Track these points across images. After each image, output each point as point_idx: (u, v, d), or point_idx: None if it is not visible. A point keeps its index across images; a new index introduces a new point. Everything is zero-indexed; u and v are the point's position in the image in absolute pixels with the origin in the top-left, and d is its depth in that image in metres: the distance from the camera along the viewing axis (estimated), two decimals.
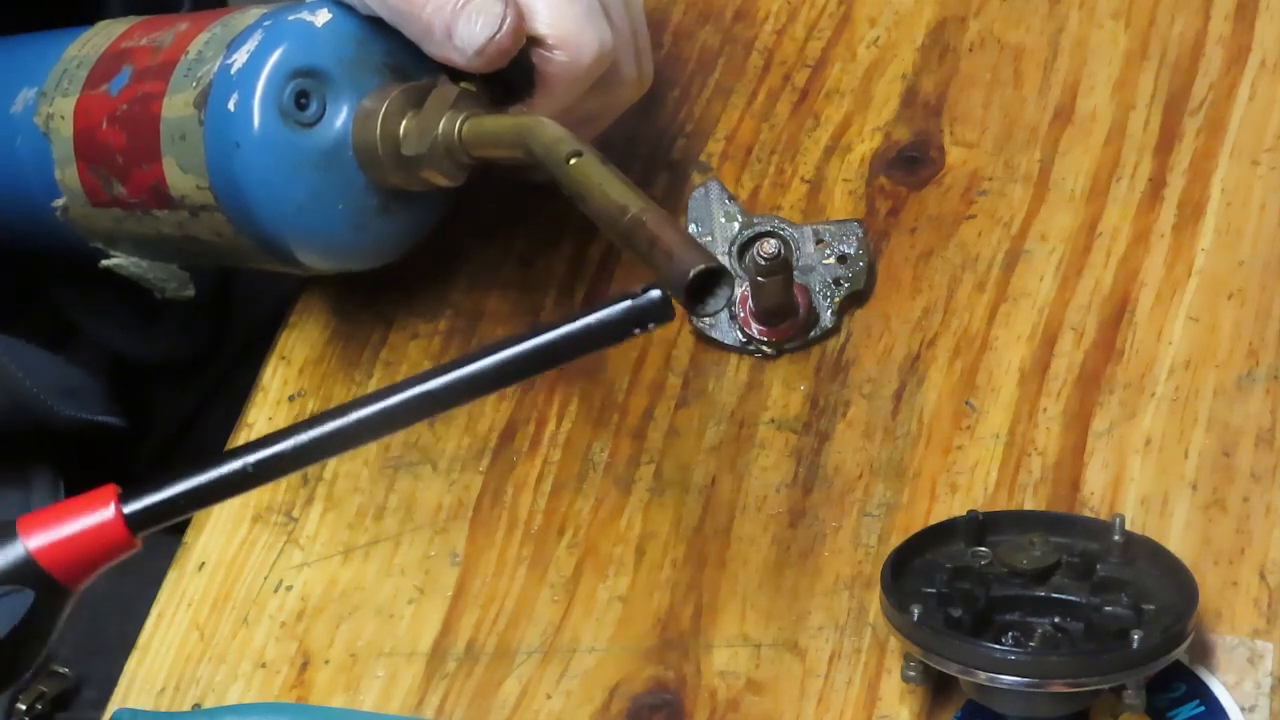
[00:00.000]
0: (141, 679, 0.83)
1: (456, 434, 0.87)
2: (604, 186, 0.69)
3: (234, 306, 1.10)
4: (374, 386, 0.90)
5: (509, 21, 0.78)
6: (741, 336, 0.88)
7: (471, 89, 0.80)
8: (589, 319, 0.62)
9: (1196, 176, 0.90)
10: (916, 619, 0.75)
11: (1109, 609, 0.75)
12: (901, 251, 0.90)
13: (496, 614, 0.83)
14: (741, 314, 0.88)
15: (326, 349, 0.91)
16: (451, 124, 0.79)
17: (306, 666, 0.82)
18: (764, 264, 0.85)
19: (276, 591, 0.85)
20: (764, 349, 0.88)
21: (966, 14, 0.97)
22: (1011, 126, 0.93)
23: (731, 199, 0.90)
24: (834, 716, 0.79)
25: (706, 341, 0.88)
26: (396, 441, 0.87)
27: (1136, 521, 0.81)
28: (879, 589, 0.78)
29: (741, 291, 0.88)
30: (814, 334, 0.88)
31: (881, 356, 0.87)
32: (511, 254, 0.93)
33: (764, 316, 0.87)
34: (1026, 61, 0.95)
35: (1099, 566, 0.77)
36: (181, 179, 0.82)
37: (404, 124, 0.80)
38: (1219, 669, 0.78)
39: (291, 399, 0.90)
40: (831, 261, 0.89)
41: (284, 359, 0.91)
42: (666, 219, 0.67)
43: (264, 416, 0.89)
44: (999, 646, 0.75)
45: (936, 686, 0.78)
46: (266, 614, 0.84)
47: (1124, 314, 0.87)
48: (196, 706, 0.82)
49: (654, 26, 0.92)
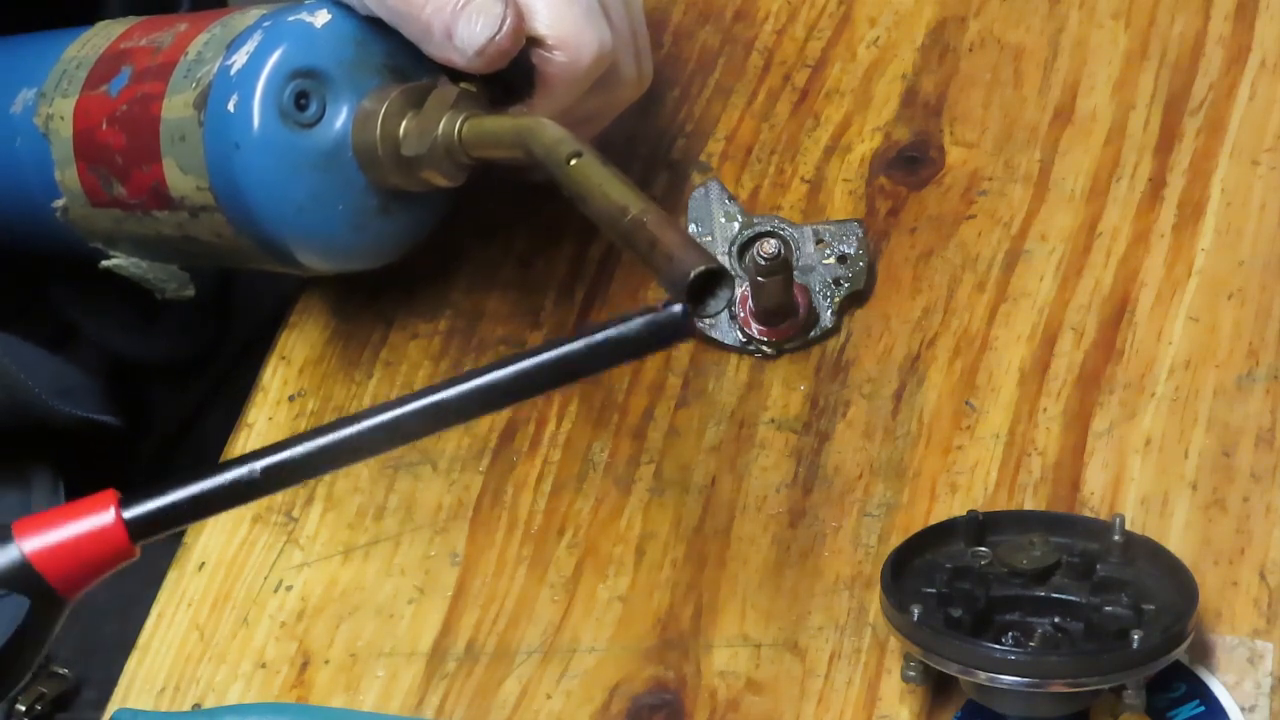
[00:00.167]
0: (141, 679, 0.83)
1: (456, 434, 0.87)
2: (604, 187, 0.69)
3: (234, 306, 1.09)
4: (374, 386, 0.90)
5: (509, 22, 0.78)
6: (741, 336, 0.88)
7: (471, 89, 0.80)
8: (608, 334, 0.61)
9: (1196, 176, 0.90)
10: (916, 619, 0.75)
11: (1109, 609, 0.75)
12: (901, 251, 0.90)
13: (496, 614, 0.83)
14: (741, 314, 0.87)
15: (326, 349, 0.91)
16: (451, 124, 0.79)
17: (306, 666, 0.82)
18: (764, 264, 0.85)
19: (276, 591, 0.85)
20: (764, 349, 0.88)
21: (966, 14, 0.97)
22: (1011, 126, 0.93)
23: (731, 199, 0.90)
24: (834, 716, 0.79)
25: (706, 341, 0.88)
26: None
27: (1136, 521, 0.81)
28: (879, 589, 0.78)
29: (741, 291, 0.88)
30: (814, 334, 0.88)
31: (881, 356, 0.87)
32: (511, 254, 0.92)
33: (764, 316, 0.87)
34: (1026, 61, 0.95)
35: (1099, 566, 0.77)
36: (181, 180, 0.82)
37: (404, 125, 0.80)
38: (1219, 669, 0.78)
39: (291, 399, 0.90)
40: (831, 261, 0.89)
41: (284, 359, 0.91)
42: (667, 220, 0.67)
43: (264, 416, 0.89)
44: (999, 646, 0.75)
45: (936, 686, 0.78)
46: (266, 614, 0.84)
47: (1124, 314, 0.87)
48: (196, 706, 0.82)
49: (654, 26, 0.92)
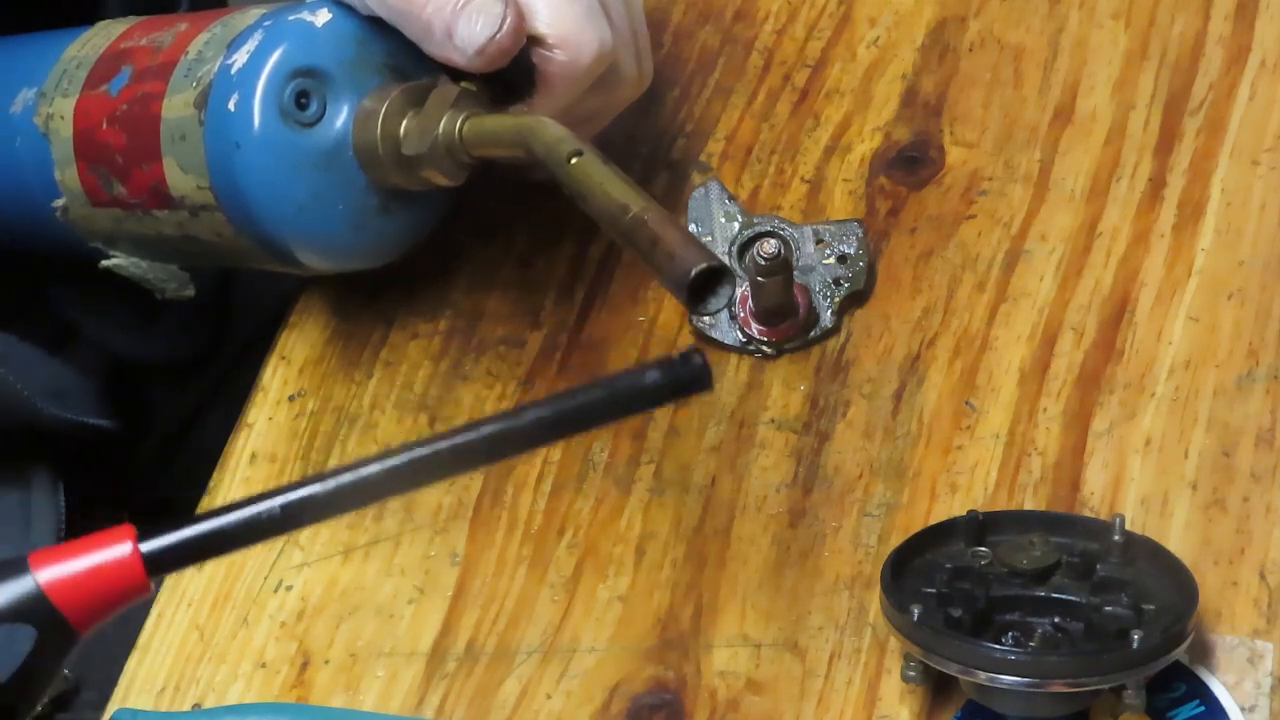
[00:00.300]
0: (141, 679, 0.83)
1: None
2: (605, 186, 0.69)
3: (234, 306, 1.09)
4: (374, 386, 0.89)
5: (509, 21, 0.78)
6: (741, 336, 0.88)
7: (472, 88, 0.80)
8: (626, 385, 0.60)
9: (1196, 176, 0.90)
10: (916, 619, 0.75)
11: (1109, 609, 0.75)
12: (901, 251, 0.90)
13: (496, 614, 0.83)
14: (741, 314, 0.87)
15: (326, 349, 0.91)
16: (452, 124, 0.79)
17: (306, 666, 0.82)
18: (764, 264, 0.84)
19: (276, 591, 0.85)
20: (764, 349, 0.88)
21: (966, 14, 0.97)
22: (1011, 126, 0.93)
23: (731, 199, 0.90)
24: (834, 716, 0.79)
25: (706, 341, 0.88)
26: (396, 441, 0.87)
27: (1136, 521, 0.81)
28: (879, 589, 0.78)
29: (741, 291, 0.88)
30: (814, 334, 0.88)
31: (881, 356, 0.87)
32: (511, 254, 0.92)
33: (764, 316, 0.87)
34: (1026, 61, 0.95)
35: (1099, 566, 0.77)
36: (182, 179, 0.82)
37: (404, 124, 0.80)
38: (1219, 669, 0.78)
39: (291, 399, 0.90)
40: (831, 261, 0.89)
41: (284, 359, 0.91)
42: (668, 218, 0.67)
43: (264, 416, 0.89)
44: (999, 646, 0.75)
45: (936, 686, 0.78)
46: (266, 614, 0.84)
47: (1124, 314, 0.87)
48: (196, 706, 0.82)
49: (654, 26, 0.92)
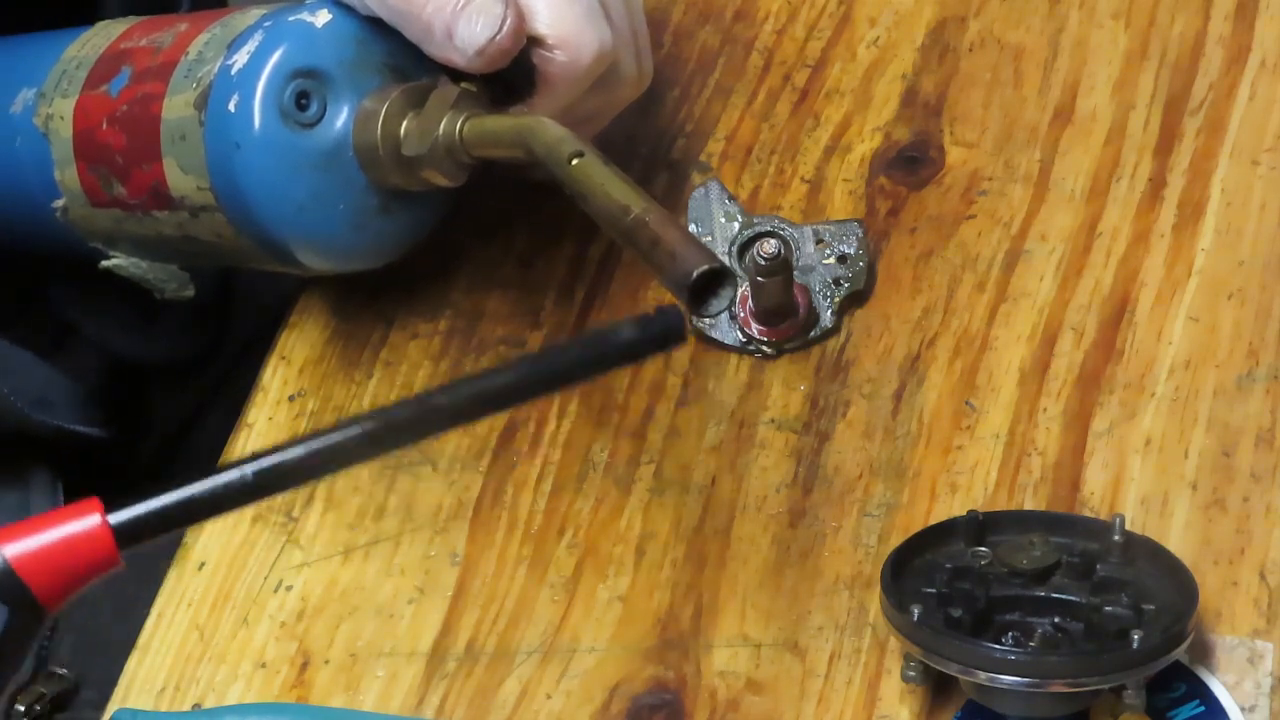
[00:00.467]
0: (141, 679, 0.83)
1: (456, 434, 0.87)
2: (606, 186, 0.69)
3: (234, 306, 1.09)
4: (374, 386, 0.90)
5: (509, 22, 0.78)
6: (741, 336, 0.88)
7: (472, 89, 0.80)
8: (602, 341, 0.61)
9: (1196, 176, 0.90)
10: (916, 619, 0.75)
11: (1109, 609, 0.75)
12: (901, 251, 0.90)
13: (496, 614, 0.83)
14: (741, 314, 0.87)
15: (326, 349, 0.91)
16: (452, 124, 0.79)
17: (306, 666, 0.82)
18: (764, 264, 0.85)
19: (276, 591, 0.85)
20: (764, 349, 0.88)
21: (966, 14, 0.97)
22: (1011, 126, 0.93)
23: (731, 199, 0.90)
24: (834, 716, 0.79)
25: (706, 341, 0.88)
26: None
27: (1136, 521, 0.81)
28: (879, 589, 0.78)
29: (741, 291, 0.88)
30: (814, 334, 0.88)
31: (881, 356, 0.87)
32: (511, 254, 0.92)
33: (764, 316, 0.87)
34: (1026, 61, 0.95)
35: (1099, 566, 0.77)
36: (182, 180, 0.82)
37: (405, 124, 0.80)
38: (1219, 669, 0.78)
39: (291, 399, 0.90)
40: (831, 261, 0.89)
41: (284, 359, 0.91)
42: (669, 219, 0.67)
43: (264, 416, 0.89)
44: (999, 646, 0.75)
45: (936, 686, 0.78)
46: (266, 614, 0.84)
47: (1124, 314, 0.87)
48: (196, 706, 0.82)
49: (654, 26, 0.92)
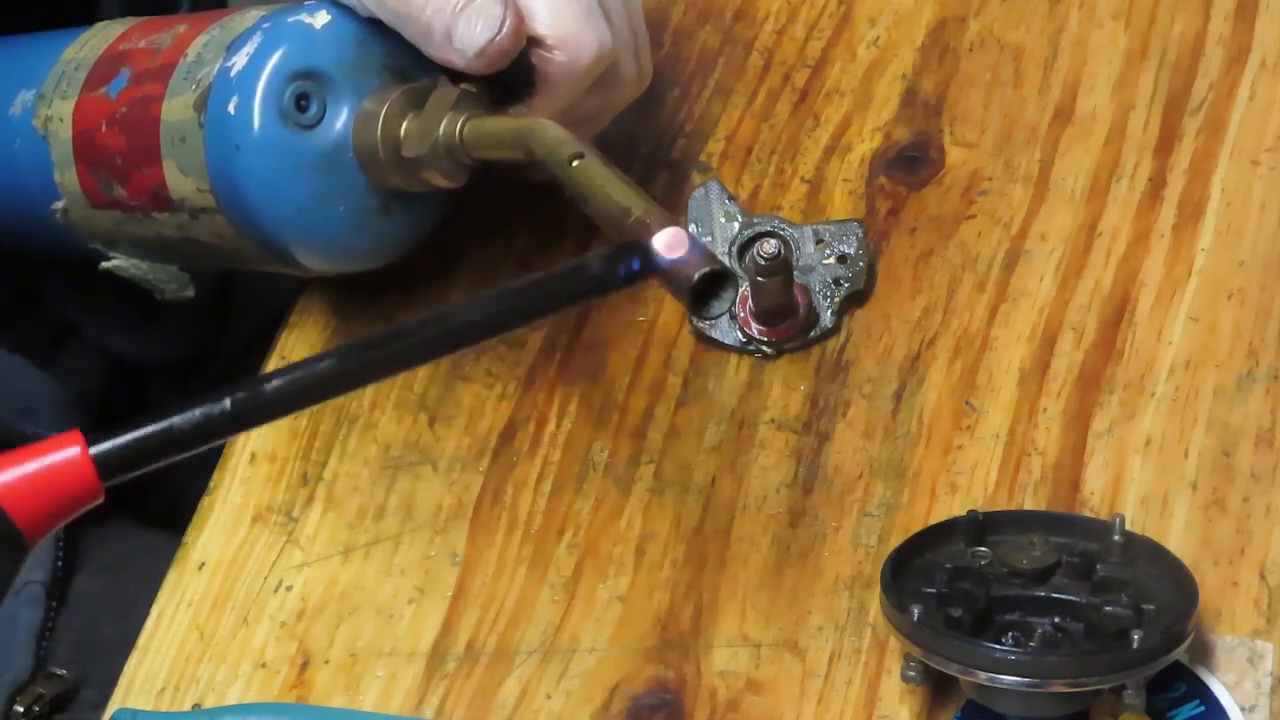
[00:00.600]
0: (141, 679, 0.83)
1: (456, 434, 0.87)
2: (607, 188, 0.69)
3: (234, 306, 1.09)
4: (374, 386, 0.89)
5: (509, 23, 0.78)
6: (741, 336, 0.88)
7: (472, 90, 0.80)
8: (571, 271, 0.62)
9: (1196, 176, 0.90)
10: (916, 619, 0.75)
11: (1109, 609, 0.75)
12: (901, 251, 0.90)
13: (496, 614, 0.83)
14: (741, 314, 0.87)
15: (326, 349, 0.91)
16: (452, 125, 0.79)
17: (306, 666, 0.82)
18: (764, 264, 0.85)
19: (276, 591, 0.85)
20: (764, 349, 0.88)
21: (966, 14, 0.97)
22: (1011, 126, 0.93)
23: (731, 199, 0.90)
24: (834, 716, 0.79)
25: (706, 341, 0.88)
26: (396, 441, 0.87)
27: (1136, 521, 0.81)
28: (879, 589, 0.78)
29: (741, 291, 0.88)
30: (814, 334, 0.88)
31: (881, 356, 0.87)
32: (511, 254, 0.92)
33: (764, 316, 0.87)
34: (1026, 61, 0.95)
35: (1099, 566, 0.77)
36: (182, 182, 0.82)
37: (405, 125, 0.80)
38: (1219, 669, 0.78)
39: None
40: (831, 261, 0.89)
41: (284, 359, 0.91)
42: (670, 221, 0.67)
43: None
44: (999, 646, 0.75)
45: (936, 686, 0.78)
46: (266, 614, 0.84)
47: (1124, 314, 0.87)
48: (196, 706, 0.82)
49: (654, 26, 0.92)
